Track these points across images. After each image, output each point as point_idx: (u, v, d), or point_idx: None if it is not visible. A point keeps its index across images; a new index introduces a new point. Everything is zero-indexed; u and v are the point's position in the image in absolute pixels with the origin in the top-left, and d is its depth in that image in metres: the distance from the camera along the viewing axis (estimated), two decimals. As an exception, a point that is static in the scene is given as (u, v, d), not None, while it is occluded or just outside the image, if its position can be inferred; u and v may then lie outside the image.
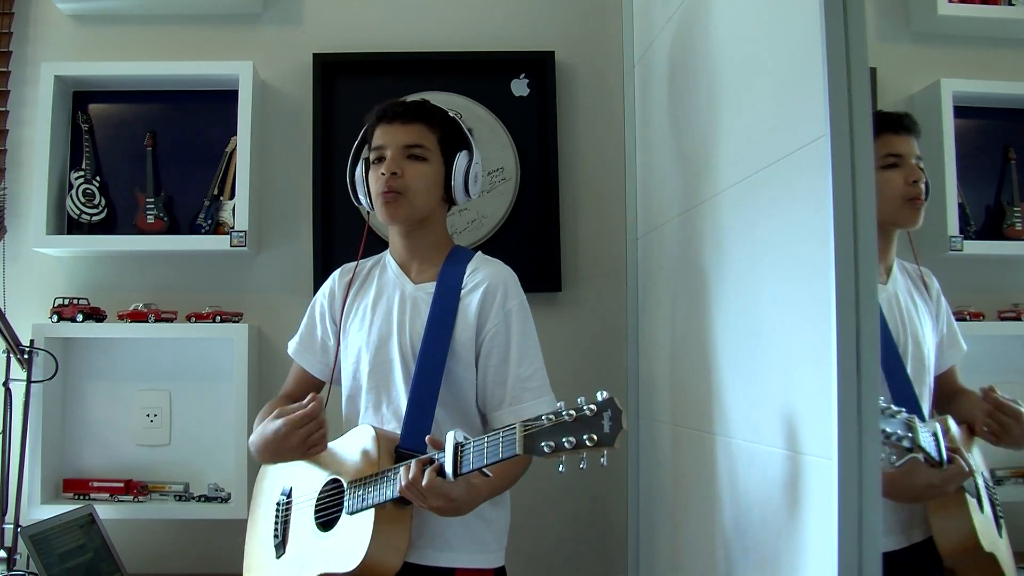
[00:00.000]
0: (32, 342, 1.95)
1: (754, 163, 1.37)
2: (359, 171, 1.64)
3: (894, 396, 1.27)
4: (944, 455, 1.26)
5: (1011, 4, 1.53)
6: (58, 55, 2.18)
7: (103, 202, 2.15)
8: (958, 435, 1.33)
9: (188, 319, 2.08)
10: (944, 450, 1.27)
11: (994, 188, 1.52)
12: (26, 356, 1.92)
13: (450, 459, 1.31)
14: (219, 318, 2.08)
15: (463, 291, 1.57)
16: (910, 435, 1.22)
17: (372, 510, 1.42)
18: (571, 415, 1.20)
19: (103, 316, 2.10)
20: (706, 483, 1.56)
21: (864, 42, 1.11)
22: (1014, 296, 1.45)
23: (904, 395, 1.29)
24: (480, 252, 1.66)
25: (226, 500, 2.06)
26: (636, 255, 2.09)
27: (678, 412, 1.77)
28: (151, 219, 2.13)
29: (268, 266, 2.20)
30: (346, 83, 2.22)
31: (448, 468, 1.31)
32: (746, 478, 1.40)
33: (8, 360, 1.93)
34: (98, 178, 2.16)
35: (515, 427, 1.24)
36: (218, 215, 2.16)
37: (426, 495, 1.34)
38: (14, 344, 1.91)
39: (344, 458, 1.52)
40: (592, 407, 1.20)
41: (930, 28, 1.56)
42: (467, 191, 1.63)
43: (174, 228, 2.17)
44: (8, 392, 1.92)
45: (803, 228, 1.20)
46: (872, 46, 1.20)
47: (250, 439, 1.61)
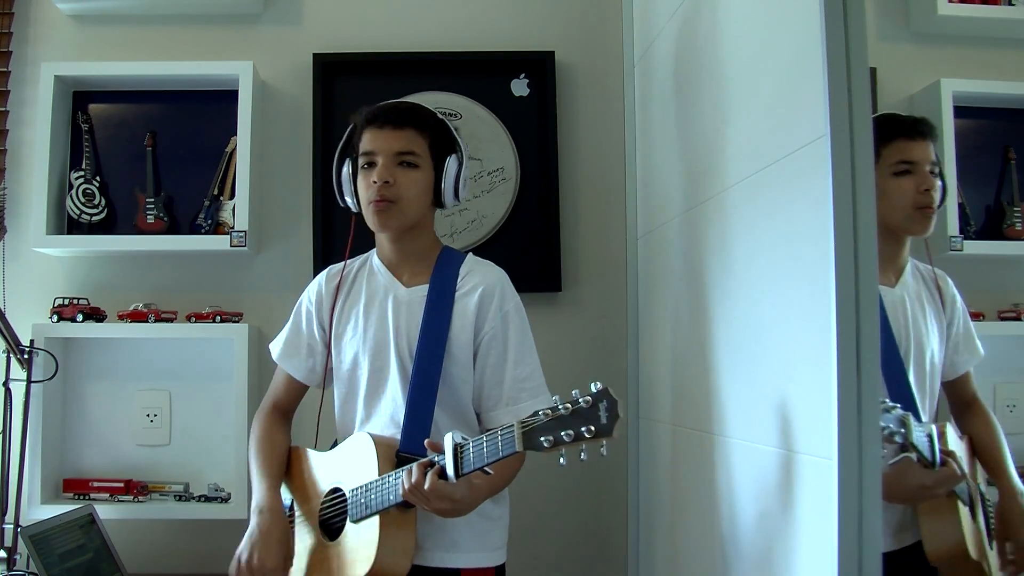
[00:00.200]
0: (32, 342, 1.95)
1: (754, 163, 1.37)
2: (346, 171, 1.60)
3: (893, 397, 1.26)
4: (937, 456, 1.26)
5: (1011, 4, 1.53)
6: (58, 55, 2.18)
7: (103, 202, 2.15)
8: (959, 447, 1.33)
9: (188, 319, 2.08)
10: (937, 452, 1.27)
11: (994, 188, 1.52)
12: (26, 356, 1.92)
13: (451, 461, 1.32)
14: (219, 318, 2.08)
15: (458, 293, 1.56)
16: (902, 431, 1.22)
17: (377, 516, 1.41)
18: (567, 408, 1.21)
19: (103, 316, 2.10)
20: (706, 483, 1.56)
21: (864, 42, 1.12)
22: (1014, 296, 1.45)
23: (903, 397, 1.29)
24: (471, 254, 1.66)
25: (226, 500, 2.06)
26: (636, 255, 2.09)
27: (678, 412, 1.77)
28: (151, 219, 2.13)
29: (268, 266, 2.20)
30: (346, 83, 2.22)
31: (449, 470, 1.32)
32: (746, 478, 1.40)
33: (8, 360, 1.93)
34: (98, 178, 2.16)
35: (513, 425, 1.24)
36: (218, 215, 2.16)
37: (429, 498, 1.34)
38: (14, 344, 1.91)
39: (344, 466, 1.52)
40: (587, 399, 1.20)
41: (930, 28, 1.56)
42: (456, 196, 1.61)
43: (174, 228, 2.16)
44: (8, 392, 1.91)
45: (803, 228, 1.20)
46: (872, 46, 1.20)
47: (248, 456, 1.62)
